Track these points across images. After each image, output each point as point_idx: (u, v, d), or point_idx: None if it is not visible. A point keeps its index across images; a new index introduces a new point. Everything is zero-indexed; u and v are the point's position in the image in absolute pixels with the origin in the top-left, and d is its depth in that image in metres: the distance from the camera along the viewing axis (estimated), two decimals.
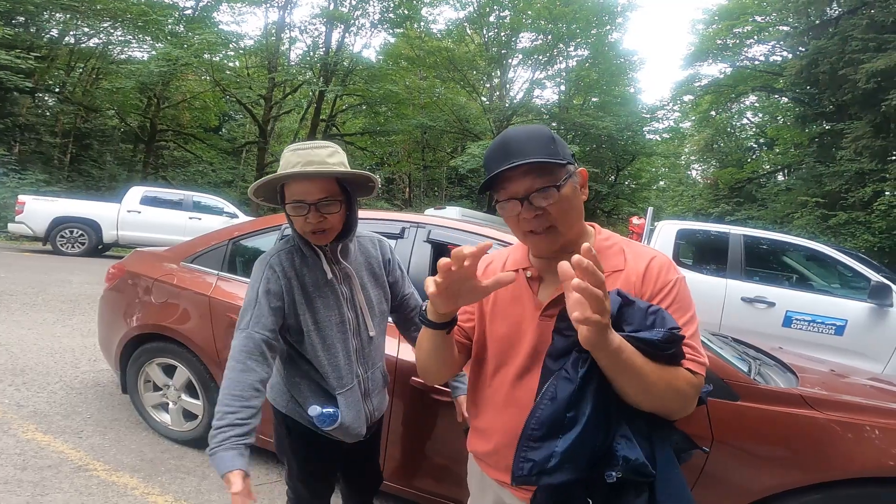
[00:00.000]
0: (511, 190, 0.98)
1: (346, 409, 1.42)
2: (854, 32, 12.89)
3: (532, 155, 0.95)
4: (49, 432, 2.73)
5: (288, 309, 1.39)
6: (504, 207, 1.01)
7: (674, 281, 1.00)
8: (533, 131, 1.00)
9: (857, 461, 1.62)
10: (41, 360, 3.78)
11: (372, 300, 1.52)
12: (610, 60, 20.20)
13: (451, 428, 1.97)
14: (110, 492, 2.30)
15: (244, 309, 1.36)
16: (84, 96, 17.21)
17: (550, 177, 0.96)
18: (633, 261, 1.03)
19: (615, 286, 0.97)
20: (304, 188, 1.34)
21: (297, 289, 1.39)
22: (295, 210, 1.34)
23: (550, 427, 0.85)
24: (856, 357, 4.05)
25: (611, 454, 0.85)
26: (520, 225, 1.01)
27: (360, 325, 1.48)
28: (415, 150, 24.77)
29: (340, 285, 1.45)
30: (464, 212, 9.32)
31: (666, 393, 0.88)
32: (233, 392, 1.25)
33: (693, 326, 0.98)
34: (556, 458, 0.83)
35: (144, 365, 2.79)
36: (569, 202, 0.99)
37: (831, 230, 12.78)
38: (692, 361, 0.94)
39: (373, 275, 1.55)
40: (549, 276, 1.08)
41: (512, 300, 1.10)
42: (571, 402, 0.84)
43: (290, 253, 1.42)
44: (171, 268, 2.75)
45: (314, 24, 19.67)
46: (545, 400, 0.87)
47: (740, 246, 4.72)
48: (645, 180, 26.99)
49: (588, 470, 0.85)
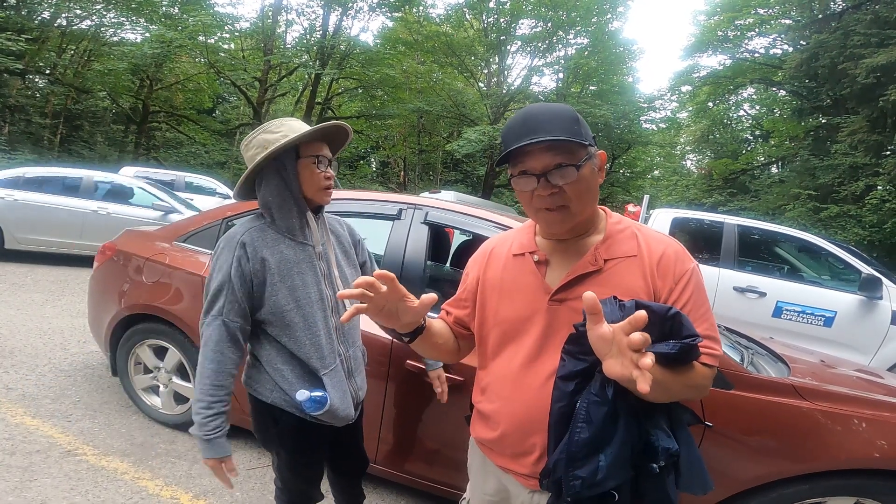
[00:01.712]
0: (528, 164, 0.97)
1: (332, 391, 1.41)
2: (857, 27, 12.83)
3: (555, 133, 0.93)
4: (38, 416, 2.71)
5: (264, 290, 1.37)
6: (519, 182, 0.99)
7: (690, 270, 1.00)
8: (557, 109, 0.98)
9: (844, 452, 1.64)
10: (30, 341, 3.74)
11: (347, 277, 1.51)
12: (609, 49, 20.04)
13: (447, 412, 1.97)
14: (100, 476, 2.28)
15: (214, 292, 1.34)
16: (75, 78, 16.91)
17: (570, 156, 0.95)
18: (646, 247, 1.02)
19: (629, 272, 0.99)
20: (319, 147, 1.42)
21: (274, 266, 1.36)
22: (314, 165, 1.39)
23: (592, 446, 0.87)
24: (844, 349, 4.10)
25: (651, 448, 0.88)
26: (533, 202, 0.99)
27: (337, 302, 1.47)
28: (410, 135, 24.60)
29: (319, 261, 1.44)
30: (459, 196, 9.27)
31: (683, 391, 0.91)
32: (215, 382, 1.33)
33: (710, 317, 0.99)
34: (602, 471, 0.87)
35: (135, 347, 2.76)
36: (586, 183, 0.97)
37: (822, 223, 12.86)
38: (707, 355, 0.95)
39: (345, 253, 1.56)
40: (556, 260, 1.06)
41: (519, 284, 1.08)
42: (607, 421, 0.87)
43: (263, 230, 1.39)
44: (164, 247, 2.71)
45: (311, 7, 19.39)
46: (579, 423, 0.88)
47: (734, 235, 4.73)
48: (640, 169, 27.01)
49: (633, 469, 0.89)
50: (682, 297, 0.97)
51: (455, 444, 1.88)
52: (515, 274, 1.09)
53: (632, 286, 0.98)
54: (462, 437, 1.30)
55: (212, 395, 1.33)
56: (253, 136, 1.41)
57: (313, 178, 1.40)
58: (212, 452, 1.34)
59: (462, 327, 1.21)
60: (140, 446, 2.56)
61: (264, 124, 1.41)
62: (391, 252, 2.27)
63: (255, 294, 1.36)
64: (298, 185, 1.39)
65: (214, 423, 1.33)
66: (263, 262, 1.35)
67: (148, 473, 2.35)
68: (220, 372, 1.33)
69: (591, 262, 1.01)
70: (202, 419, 1.32)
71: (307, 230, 1.43)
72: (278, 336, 1.39)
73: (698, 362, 0.93)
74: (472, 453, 1.26)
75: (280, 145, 1.34)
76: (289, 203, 1.39)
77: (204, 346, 1.34)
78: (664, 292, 0.98)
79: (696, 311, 0.97)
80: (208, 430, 1.32)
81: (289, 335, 1.38)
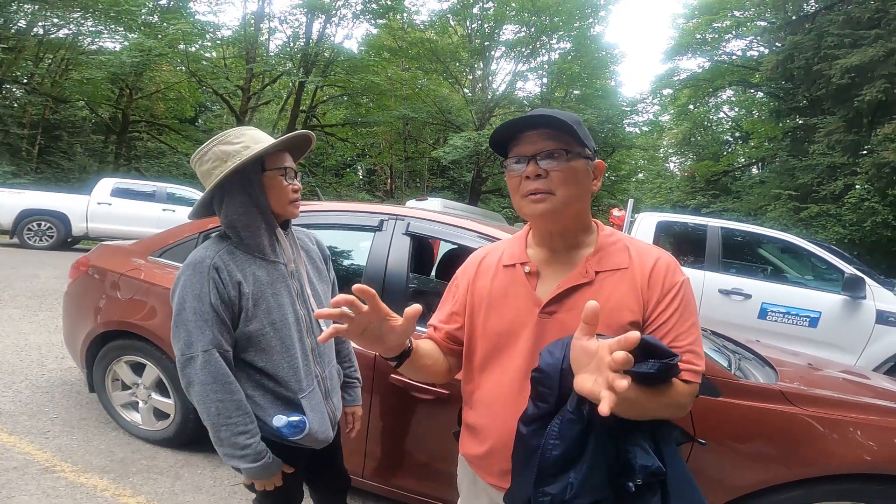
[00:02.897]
0: (522, 149, 0.97)
1: (311, 413, 1.34)
2: (830, 28, 13.13)
3: (553, 121, 0.94)
4: (14, 433, 2.65)
5: (239, 314, 1.28)
6: (510, 168, 0.99)
7: (680, 283, 0.99)
8: (562, 111, 0.98)
9: (835, 457, 1.63)
10: (6, 357, 3.65)
11: (320, 295, 1.45)
12: (592, 53, 20.23)
13: (433, 426, 1.95)
14: (79, 493, 2.23)
15: (197, 326, 1.22)
16: (53, 87, 16.62)
17: (564, 144, 0.95)
18: (637, 259, 1.01)
19: (620, 284, 0.98)
20: (284, 157, 1.34)
21: (248, 290, 1.28)
22: (281, 178, 1.32)
23: (563, 463, 0.85)
24: (829, 349, 4.14)
25: (628, 465, 0.85)
26: (520, 188, 0.98)
27: (311, 321, 1.41)
28: (396, 142, 24.56)
29: (291, 280, 1.37)
30: (446, 203, 9.25)
31: (660, 410, 0.89)
32: (240, 409, 1.26)
33: (696, 332, 0.98)
34: (572, 488, 0.84)
35: (112, 363, 2.69)
36: (574, 174, 0.96)
37: (803, 222, 13.09)
38: (688, 371, 0.93)
39: (316, 270, 1.49)
40: (547, 272, 1.05)
41: (509, 296, 1.06)
42: (580, 438, 0.85)
43: (231, 252, 1.29)
44: (139, 262, 2.65)
45: (294, 15, 19.27)
46: (552, 440, 0.86)
47: (718, 238, 4.76)
48: (624, 172, 27.23)
49: (608, 488, 0.86)
50: (669, 309, 0.96)
51: (444, 457, 1.85)
52: (505, 285, 1.07)
53: (622, 299, 0.97)
54: (450, 450, 1.27)
55: (242, 422, 1.25)
56: (207, 149, 1.28)
57: (282, 192, 1.31)
58: (267, 471, 1.29)
59: (454, 343, 1.16)
60: (120, 462, 2.50)
61: (219, 135, 1.30)
62: (373, 265, 2.24)
63: (231, 319, 1.28)
64: (266, 200, 1.30)
65: (259, 447, 1.27)
66: (238, 286, 1.26)
67: (129, 490, 2.29)
68: (239, 402, 1.25)
69: (582, 273, 1.00)
70: (247, 450, 1.25)
71: (278, 248, 1.36)
72: (253, 360, 1.32)
73: (678, 379, 0.92)
74: (461, 469, 1.23)
75: (247, 158, 1.24)
76: (257, 220, 1.30)
77: (203, 384, 1.22)
78: (651, 303, 0.97)
79: (681, 323, 0.96)
80: (253, 451, 1.26)
81: (265, 359, 1.31)
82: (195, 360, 1.22)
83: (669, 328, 0.96)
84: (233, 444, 1.24)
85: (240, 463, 1.25)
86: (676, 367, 0.85)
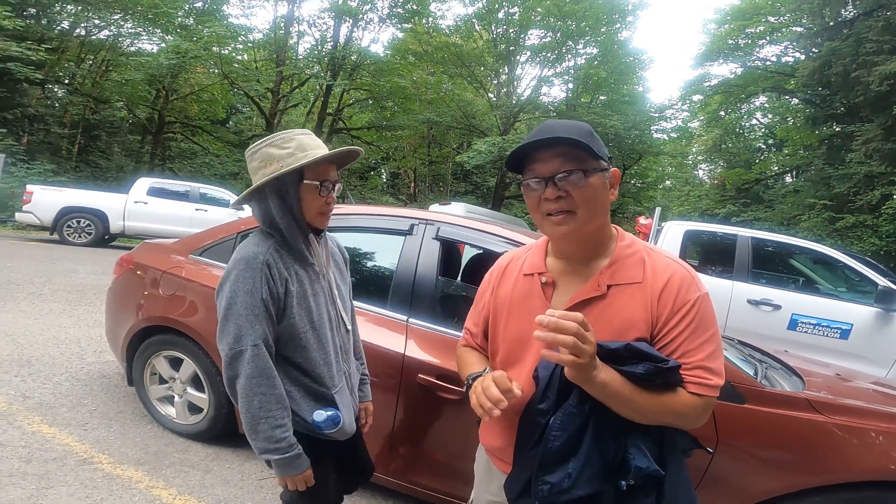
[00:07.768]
0: (538, 170, 0.99)
1: (343, 408, 1.41)
2: (869, 34, 12.77)
3: (566, 141, 0.96)
4: (54, 424, 2.74)
5: (284, 311, 1.33)
6: (529, 187, 1.01)
7: (693, 300, 0.97)
8: (574, 123, 1.01)
9: (858, 464, 1.63)
10: (47, 350, 3.79)
11: (344, 294, 1.52)
12: (619, 59, 20.02)
13: (458, 426, 1.98)
14: (115, 485, 2.30)
15: (248, 320, 1.26)
16: (93, 88, 17.25)
17: (580, 163, 0.97)
18: (651, 274, 1.00)
19: (632, 299, 0.99)
20: (326, 170, 1.36)
21: (293, 288, 1.33)
22: (319, 190, 1.33)
23: (563, 454, 0.91)
24: (860, 361, 4.03)
25: (625, 464, 0.90)
26: (540, 207, 1.00)
27: (339, 319, 1.47)
28: (420, 146, 24.71)
29: (324, 281, 1.44)
30: (469, 208, 9.29)
31: (659, 416, 0.93)
32: (280, 403, 1.30)
33: (710, 348, 0.96)
34: (570, 479, 0.90)
35: (151, 357, 2.80)
36: (593, 191, 0.98)
37: (838, 233, 12.73)
38: (698, 385, 0.94)
39: (339, 270, 1.55)
40: (563, 282, 1.08)
41: (525, 304, 1.10)
42: (581, 432, 0.92)
43: (279, 249, 1.33)
44: (180, 260, 2.76)
45: (323, 18, 19.67)
46: (554, 431, 0.93)
47: (748, 248, 4.69)
48: (651, 179, 26.84)
49: (604, 482, 0.91)
50: (678, 327, 0.96)
51: (461, 456, 1.89)
52: (524, 294, 1.11)
53: (632, 315, 0.98)
54: (469, 449, 1.33)
55: (281, 416, 1.29)
56: (259, 147, 1.34)
57: (314, 203, 1.35)
58: (297, 466, 1.32)
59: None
60: (154, 455, 2.58)
61: (272, 136, 1.34)
62: (403, 268, 2.29)
63: (277, 315, 1.33)
64: (299, 208, 1.34)
65: (292, 439, 1.31)
66: (286, 283, 1.32)
67: (162, 482, 2.37)
68: (279, 396, 1.30)
69: (595, 287, 1.02)
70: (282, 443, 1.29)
71: (312, 250, 1.41)
72: (292, 357, 1.37)
73: (685, 390, 0.94)
74: (479, 456, 1.29)
75: (285, 170, 1.29)
76: (293, 225, 1.34)
77: (251, 377, 1.26)
78: (661, 320, 0.97)
79: (691, 340, 0.96)
80: (285, 444, 1.29)
81: (304, 356, 1.37)
82: (244, 353, 1.25)
83: (678, 345, 0.96)
84: (269, 437, 1.28)
85: (273, 455, 1.29)
86: (673, 374, 0.90)
